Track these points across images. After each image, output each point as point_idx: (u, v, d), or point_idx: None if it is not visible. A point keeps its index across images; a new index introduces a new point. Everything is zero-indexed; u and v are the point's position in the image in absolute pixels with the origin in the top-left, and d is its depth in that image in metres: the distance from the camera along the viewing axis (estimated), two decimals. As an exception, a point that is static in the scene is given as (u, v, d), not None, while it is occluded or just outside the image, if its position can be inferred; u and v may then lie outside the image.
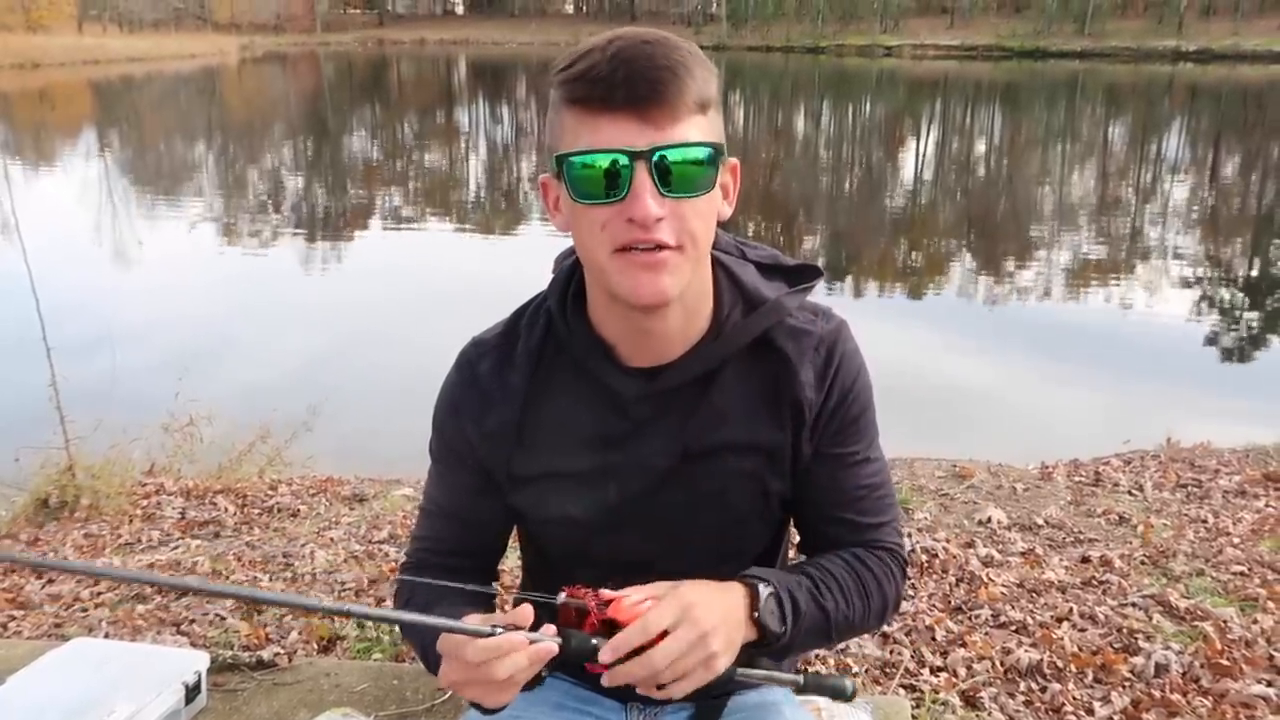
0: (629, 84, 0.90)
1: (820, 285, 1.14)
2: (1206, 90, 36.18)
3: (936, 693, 2.29)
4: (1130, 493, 3.86)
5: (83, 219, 12.50)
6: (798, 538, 1.24)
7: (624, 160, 0.91)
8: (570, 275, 1.10)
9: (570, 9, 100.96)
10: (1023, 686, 2.31)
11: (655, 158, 0.91)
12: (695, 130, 0.93)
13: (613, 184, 0.92)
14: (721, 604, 0.96)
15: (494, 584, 1.25)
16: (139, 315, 8.14)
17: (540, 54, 58.55)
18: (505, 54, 68.21)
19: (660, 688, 0.92)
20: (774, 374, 1.09)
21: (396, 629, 2.38)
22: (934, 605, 2.76)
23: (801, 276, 1.13)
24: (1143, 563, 3.08)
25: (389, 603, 1.66)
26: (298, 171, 18.31)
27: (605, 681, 0.92)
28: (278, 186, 16.28)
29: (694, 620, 0.91)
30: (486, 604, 1.16)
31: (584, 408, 1.09)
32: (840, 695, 1.01)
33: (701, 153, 0.94)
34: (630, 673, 0.90)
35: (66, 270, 8.78)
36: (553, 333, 1.11)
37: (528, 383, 1.10)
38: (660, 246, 0.94)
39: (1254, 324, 8.48)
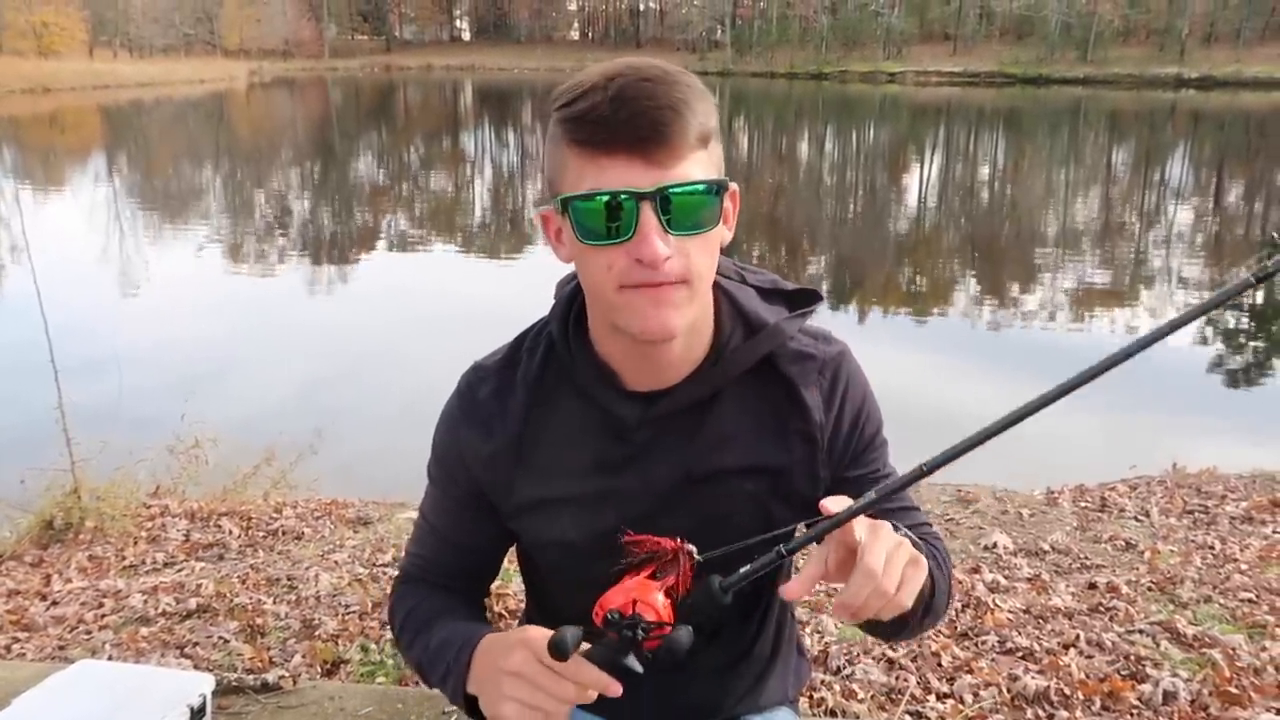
0: (631, 124, 0.90)
1: (824, 309, 1.15)
2: (1209, 117, 36.32)
3: (943, 719, 2.28)
4: (1137, 518, 3.84)
5: (91, 242, 12.59)
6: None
7: (629, 201, 0.91)
8: (572, 300, 1.11)
9: (575, 35, 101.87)
10: (1030, 714, 2.30)
11: (660, 197, 0.91)
12: (698, 166, 0.93)
13: (619, 225, 0.92)
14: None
15: (485, 601, 1.27)
16: (145, 337, 8.19)
17: (545, 79, 59.02)
18: (511, 79, 68.78)
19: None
20: (777, 398, 1.10)
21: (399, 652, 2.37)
22: (940, 631, 2.75)
23: (802, 301, 1.14)
24: (1150, 589, 3.06)
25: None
26: (304, 195, 18.43)
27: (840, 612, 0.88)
28: (284, 210, 16.38)
29: (886, 535, 0.89)
30: (480, 620, 1.16)
31: (585, 432, 1.10)
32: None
33: (706, 190, 0.94)
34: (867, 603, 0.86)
35: (74, 292, 8.84)
36: (554, 358, 1.12)
37: (527, 409, 1.11)
38: (667, 283, 0.95)
39: (1260, 349, 8.46)
